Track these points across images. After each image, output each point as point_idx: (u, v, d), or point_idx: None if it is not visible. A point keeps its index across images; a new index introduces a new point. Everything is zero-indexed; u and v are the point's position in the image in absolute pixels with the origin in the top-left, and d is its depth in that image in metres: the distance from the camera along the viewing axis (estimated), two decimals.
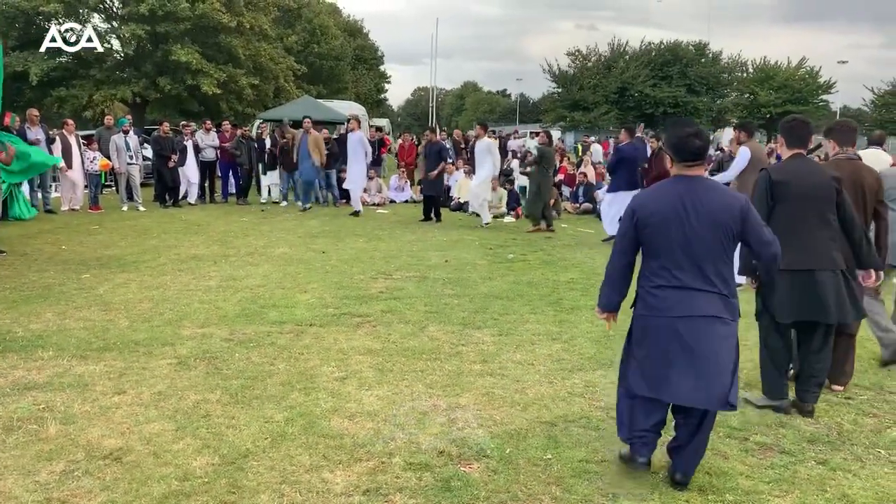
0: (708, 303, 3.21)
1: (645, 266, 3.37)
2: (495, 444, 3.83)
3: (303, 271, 8.43)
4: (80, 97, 27.11)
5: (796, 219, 4.31)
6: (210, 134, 15.88)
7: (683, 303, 3.22)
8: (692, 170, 3.30)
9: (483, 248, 10.54)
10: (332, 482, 3.39)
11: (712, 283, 3.22)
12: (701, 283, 3.21)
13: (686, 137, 3.25)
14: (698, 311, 3.20)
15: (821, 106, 49.63)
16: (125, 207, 14.23)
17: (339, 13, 52.00)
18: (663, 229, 3.23)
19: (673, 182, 3.34)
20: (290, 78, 34.31)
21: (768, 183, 4.32)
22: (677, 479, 3.43)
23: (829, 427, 4.23)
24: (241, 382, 4.67)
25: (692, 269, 3.21)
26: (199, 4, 26.94)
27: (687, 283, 3.22)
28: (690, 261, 3.21)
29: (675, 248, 3.22)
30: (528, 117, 71.63)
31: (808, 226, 4.31)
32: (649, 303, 3.31)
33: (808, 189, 4.31)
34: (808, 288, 4.28)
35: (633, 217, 3.33)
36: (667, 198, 3.27)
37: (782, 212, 4.31)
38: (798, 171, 4.36)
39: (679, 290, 3.23)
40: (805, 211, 4.31)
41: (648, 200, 3.34)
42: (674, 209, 3.22)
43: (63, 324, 6.00)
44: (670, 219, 3.22)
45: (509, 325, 6.23)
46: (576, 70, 49.62)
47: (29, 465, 3.49)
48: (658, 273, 3.28)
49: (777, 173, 4.36)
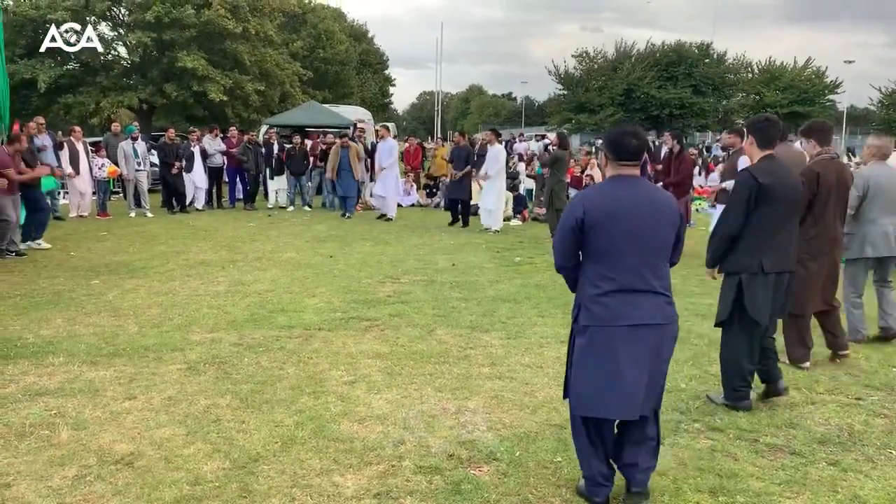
0: (655, 308, 3.13)
1: (587, 272, 3.20)
2: (505, 447, 3.83)
3: (310, 276, 8.45)
4: (88, 104, 27.23)
5: (779, 220, 4.34)
6: (217, 139, 15.96)
7: (631, 310, 3.09)
8: (627, 169, 3.20)
9: (490, 251, 10.54)
10: (342, 486, 3.40)
11: (658, 284, 3.14)
12: (647, 286, 3.11)
13: (623, 136, 3.18)
14: (647, 320, 3.10)
15: (827, 106, 49.42)
16: (133, 214, 14.30)
17: (343, 18, 52.10)
18: (610, 230, 3.08)
19: (613, 182, 3.23)
20: (296, 83, 34.38)
21: (755, 185, 4.25)
22: (638, 493, 3.27)
23: (840, 428, 4.21)
24: (251, 387, 4.68)
25: (639, 272, 3.10)
26: (204, 11, 27.05)
27: (634, 286, 3.10)
28: (638, 262, 3.10)
29: (622, 250, 3.09)
30: (533, 120, 71.63)
31: (787, 227, 4.40)
32: (594, 312, 3.13)
33: (787, 191, 4.35)
34: (778, 289, 4.39)
35: (578, 220, 3.12)
36: (611, 198, 3.15)
37: (766, 214, 4.28)
38: (778, 172, 4.35)
39: (626, 293, 3.10)
40: (785, 212, 4.36)
41: (593, 201, 3.16)
42: (620, 209, 3.10)
43: (73, 330, 6.03)
44: (618, 219, 3.08)
45: (517, 328, 6.23)
46: (582, 72, 49.55)
47: (42, 471, 3.51)
48: (603, 278, 3.12)
49: (763, 176, 4.27)
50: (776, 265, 4.32)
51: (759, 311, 4.32)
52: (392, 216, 14.36)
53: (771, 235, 4.31)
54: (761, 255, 4.29)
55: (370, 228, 13.04)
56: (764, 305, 4.32)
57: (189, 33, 27.13)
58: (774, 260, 4.31)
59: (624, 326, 3.09)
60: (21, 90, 24.19)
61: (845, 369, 5.29)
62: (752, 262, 4.29)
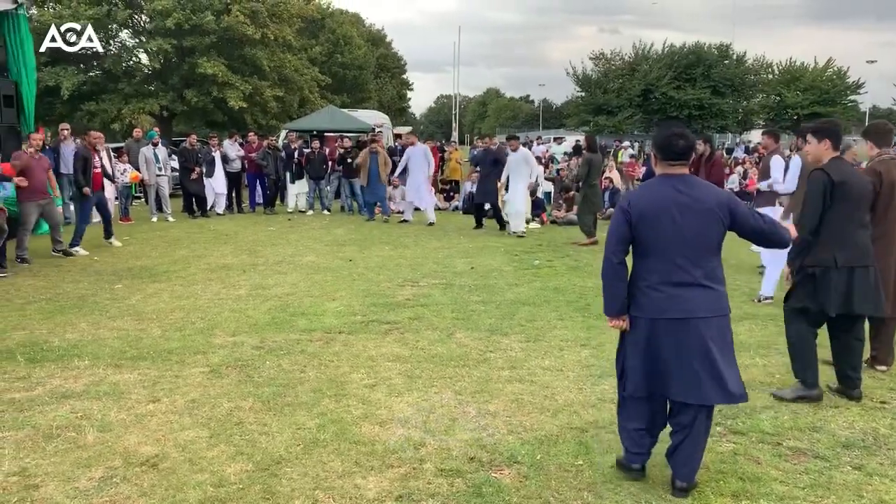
0: (703, 301, 3.27)
1: (637, 266, 3.41)
2: (526, 450, 3.83)
3: (330, 279, 8.50)
4: (110, 111, 27.55)
5: (852, 217, 4.52)
6: (236, 145, 16.09)
7: (677, 303, 3.26)
8: (676, 168, 3.37)
9: (509, 254, 10.54)
10: (364, 488, 3.42)
11: (706, 277, 3.28)
12: (692, 280, 3.26)
13: (671, 137, 3.34)
14: (692, 314, 3.26)
15: (849, 106, 48.86)
16: (155, 218, 14.44)
17: (361, 23, 52.37)
18: (657, 226, 3.28)
19: (661, 180, 3.40)
20: (315, 88, 34.56)
21: (829, 183, 4.45)
22: (678, 487, 3.40)
23: (864, 432, 4.17)
24: (273, 390, 4.72)
25: (684, 266, 3.26)
26: (224, 17, 27.28)
27: (679, 280, 3.26)
28: (684, 257, 3.26)
29: (669, 245, 3.27)
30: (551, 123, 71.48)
31: (859, 224, 4.55)
32: (642, 304, 3.34)
33: (860, 189, 4.55)
34: (853, 283, 4.48)
35: (627, 215, 3.34)
36: (659, 195, 3.33)
37: (840, 211, 4.47)
38: (849, 172, 4.57)
39: (673, 286, 3.27)
40: (858, 210, 4.54)
41: (641, 199, 3.38)
42: (667, 206, 3.28)
43: (97, 333, 6.11)
44: (664, 216, 3.27)
45: (537, 332, 6.23)
46: (600, 74, 49.40)
47: (69, 472, 3.57)
48: (651, 271, 3.32)
49: (836, 174, 4.47)
50: (850, 260, 4.46)
51: (830, 304, 4.47)
52: (433, 220, 14.37)
53: (844, 231, 4.47)
54: (835, 250, 4.45)
55: (389, 232, 13.08)
56: (835, 298, 4.46)
57: (209, 39, 27.38)
58: (849, 255, 4.46)
59: (668, 319, 3.28)
60: (45, 97, 24.48)
61: (870, 373, 5.22)
62: (826, 257, 4.46)
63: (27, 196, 9.43)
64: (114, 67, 27.62)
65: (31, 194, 9.48)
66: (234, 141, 16.27)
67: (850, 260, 4.47)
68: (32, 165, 9.53)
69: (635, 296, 3.38)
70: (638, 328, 3.38)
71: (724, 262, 3.46)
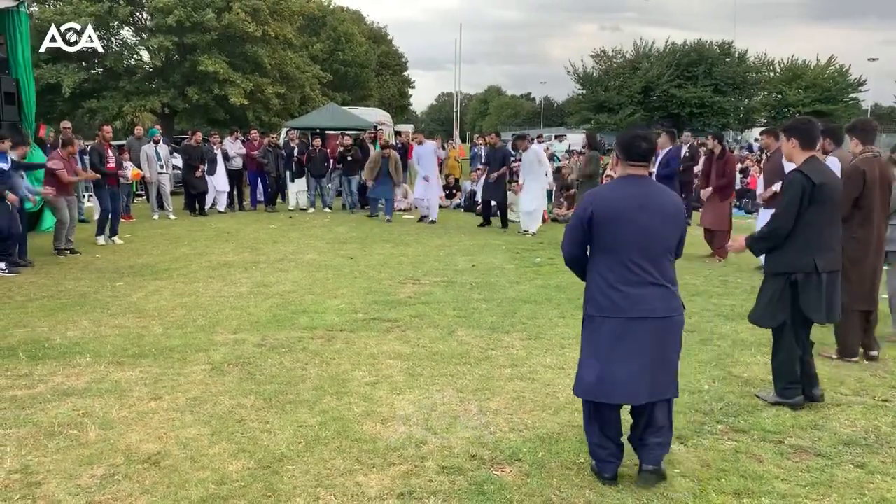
0: (660, 300, 3.32)
1: (595, 265, 3.43)
2: (527, 448, 3.83)
3: (332, 277, 8.50)
4: (111, 108, 27.55)
5: (829, 220, 4.38)
6: (237, 142, 16.09)
7: (635, 302, 3.30)
8: (637, 169, 3.44)
9: (510, 252, 10.54)
10: (366, 486, 3.43)
11: (661, 278, 3.33)
12: (651, 279, 3.31)
13: (634, 139, 3.41)
14: (650, 313, 3.30)
15: (851, 104, 48.85)
16: (156, 216, 14.45)
17: (363, 20, 52.33)
18: (616, 227, 3.32)
19: (621, 181, 3.47)
20: (316, 86, 34.56)
21: (810, 185, 4.26)
22: (650, 471, 3.45)
23: (866, 430, 4.17)
24: (275, 387, 4.72)
25: (642, 266, 3.31)
26: (225, 15, 27.28)
27: (637, 280, 3.31)
28: (642, 257, 3.31)
29: (626, 246, 3.31)
30: (552, 120, 71.47)
31: (835, 227, 4.45)
32: (600, 304, 3.38)
33: (835, 191, 4.40)
34: (834, 288, 4.41)
35: (585, 219, 3.38)
36: (619, 196, 3.38)
37: (818, 213, 4.31)
38: (826, 172, 4.42)
39: (630, 286, 3.30)
40: (833, 212, 4.42)
41: (601, 200, 3.41)
42: (626, 206, 3.33)
43: (99, 331, 6.12)
44: (622, 216, 3.31)
45: (538, 330, 6.22)
46: (601, 72, 49.38)
47: (70, 470, 3.57)
48: (611, 270, 3.35)
49: (815, 175, 4.31)
50: (829, 264, 4.36)
51: (816, 311, 4.35)
52: (434, 219, 14.34)
53: (822, 235, 4.34)
54: (815, 255, 4.31)
55: (390, 230, 13.08)
56: (819, 305, 4.34)
57: (210, 37, 27.39)
58: (827, 259, 4.35)
59: (625, 318, 3.31)
60: (46, 95, 24.51)
61: (871, 371, 5.23)
62: (807, 262, 4.31)
63: (59, 192, 9.94)
64: (115, 65, 27.64)
65: (63, 191, 10.07)
66: (236, 138, 16.27)
67: (828, 265, 4.34)
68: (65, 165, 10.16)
69: (594, 296, 3.41)
70: (594, 327, 3.42)
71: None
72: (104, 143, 11.43)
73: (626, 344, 3.32)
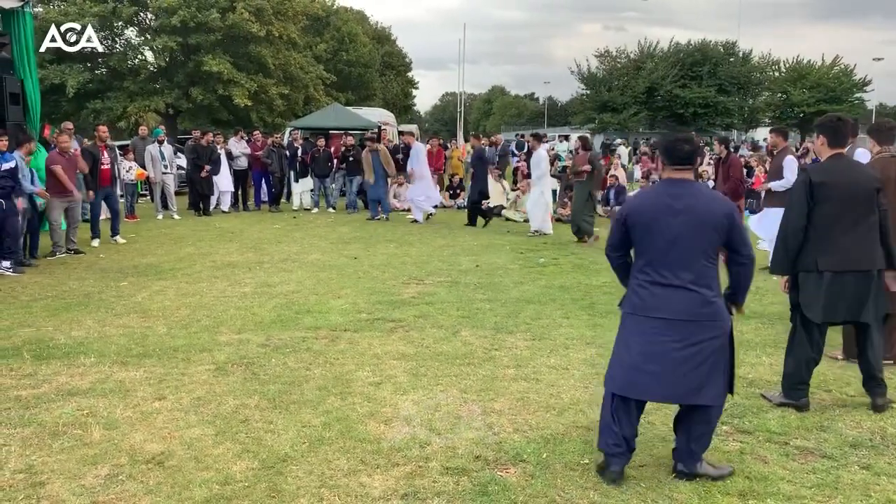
0: (687, 304, 3.34)
1: (634, 265, 3.57)
2: (532, 449, 3.82)
3: (336, 277, 8.50)
4: (115, 109, 27.60)
5: (835, 220, 4.31)
6: (241, 142, 16.09)
7: (660, 302, 3.38)
8: (681, 173, 3.46)
9: (514, 252, 10.53)
10: (370, 486, 3.42)
11: (690, 282, 3.34)
12: (680, 282, 3.35)
13: (676, 142, 3.45)
14: (673, 315, 3.35)
15: (856, 104, 48.67)
16: (160, 216, 14.47)
17: (366, 20, 52.32)
18: (649, 230, 3.41)
19: (661, 185, 3.56)
20: (320, 86, 34.57)
21: (808, 184, 4.31)
22: (678, 470, 3.52)
23: (872, 431, 4.15)
24: (279, 387, 4.72)
25: (674, 269, 3.36)
26: (229, 15, 27.31)
27: (668, 282, 3.37)
28: (674, 260, 3.36)
29: (660, 248, 3.38)
30: (556, 120, 71.36)
31: (844, 227, 4.32)
32: (633, 301, 3.49)
33: (847, 189, 4.32)
34: (842, 289, 4.31)
35: (622, 222, 3.52)
36: (654, 200, 3.47)
37: (821, 213, 4.29)
38: (838, 171, 4.37)
39: (661, 287, 3.38)
40: (844, 211, 4.32)
41: (636, 204, 3.55)
42: (661, 210, 3.39)
43: (103, 331, 6.13)
44: (657, 219, 3.39)
45: (542, 330, 6.21)
46: (604, 71, 49.32)
47: (75, 469, 3.57)
48: (643, 271, 3.45)
49: (817, 174, 4.34)
50: (835, 264, 4.28)
51: (813, 310, 4.33)
52: (418, 218, 14.39)
53: (828, 234, 4.29)
54: (816, 254, 4.30)
55: (394, 230, 13.08)
56: (816, 304, 4.31)
57: (214, 37, 27.40)
58: (833, 259, 4.28)
59: (649, 317, 3.40)
60: (50, 95, 24.57)
61: None
62: (808, 261, 4.33)
63: (53, 193, 9.75)
64: (119, 65, 27.68)
65: (58, 192, 9.82)
66: (240, 139, 16.28)
67: (833, 265, 4.27)
68: (63, 165, 9.95)
69: (629, 294, 3.54)
70: (626, 323, 3.53)
71: None
72: (99, 145, 11.34)
73: (648, 343, 3.39)
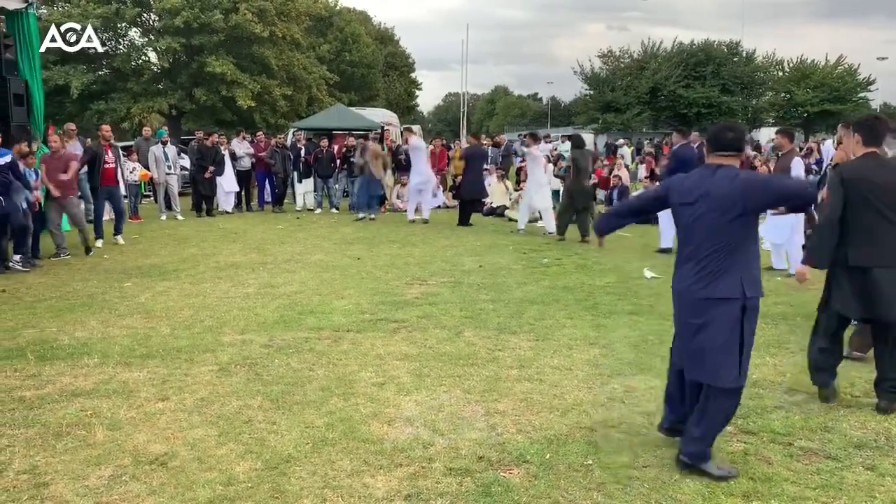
0: (695, 278, 3.52)
1: None
2: (535, 450, 3.82)
3: (339, 278, 8.50)
4: (119, 110, 27.68)
5: (864, 216, 4.36)
6: (244, 143, 16.11)
7: (678, 275, 3.65)
8: (724, 159, 3.61)
9: (517, 252, 10.52)
10: (373, 487, 3.42)
11: (710, 258, 3.48)
12: (691, 257, 3.57)
13: (721, 129, 3.67)
14: (680, 284, 3.62)
15: (860, 104, 48.52)
16: (164, 217, 14.49)
17: (369, 21, 52.37)
18: (679, 211, 3.67)
19: (704, 167, 3.70)
20: (323, 87, 34.61)
21: (840, 180, 4.38)
22: (676, 458, 3.64)
23: (876, 432, 4.13)
24: (282, 388, 4.72)
25: (699, 245, 3.53)
26: (232, 16, 27.37)
27: (688, 257, 3.59)
28: (698, 238, 3.54)
29: (685, 226, 3.64)
30: (559, 121, 71.27)
31: (874, 223, 4.35)
32: (673, 277, 3.74)
33: (878, 187, 4.35)
34: (868, 286, 4.35)
35: (665, 187, 3.87)
36: (688, 182, 3.68)
37: (852, 208, 4.36)
38: (870, 169, 4.40)
39: (683, 261, 3.63)
40: (874, 208, 4.35)
41: (675, 184, 3.78)
42: (691, 191, 3.60)
43: (107, 331, 6.13)
44: (685, 199, 3.62)
45: (546, 331, 6.21)
46: (608, 72, 49.26)
47: (78, 470, 3.58)
48: (679, 250, 3.71)
49: (848, 171, 4.41)
50: (866, 259, 4.33)
51: (840, 302, 4.41)
52: (410, 217, 14.40)
53: (857, 230, 4.34)
54: (847, 248, 4.35)
55: (397, 230, 13.08)
56: (843, 297, 4.39)
57: (217, 38, 27.48)
58: (864, 254, 4.33)
59: (673, 289, 3.71)
60: (55, 96, 24.66)
61: None
62: (839, 255, 4.38)
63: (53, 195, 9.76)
64: (123, 66, 27.77)
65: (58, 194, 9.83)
66: (243, 139, 16.30)
67: (864, 259, 4.33)
68: (50, 166, 9.84)
69: None
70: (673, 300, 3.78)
71: None
72: (103, 144, 11.34)
73: (674, 312, 3.72)
